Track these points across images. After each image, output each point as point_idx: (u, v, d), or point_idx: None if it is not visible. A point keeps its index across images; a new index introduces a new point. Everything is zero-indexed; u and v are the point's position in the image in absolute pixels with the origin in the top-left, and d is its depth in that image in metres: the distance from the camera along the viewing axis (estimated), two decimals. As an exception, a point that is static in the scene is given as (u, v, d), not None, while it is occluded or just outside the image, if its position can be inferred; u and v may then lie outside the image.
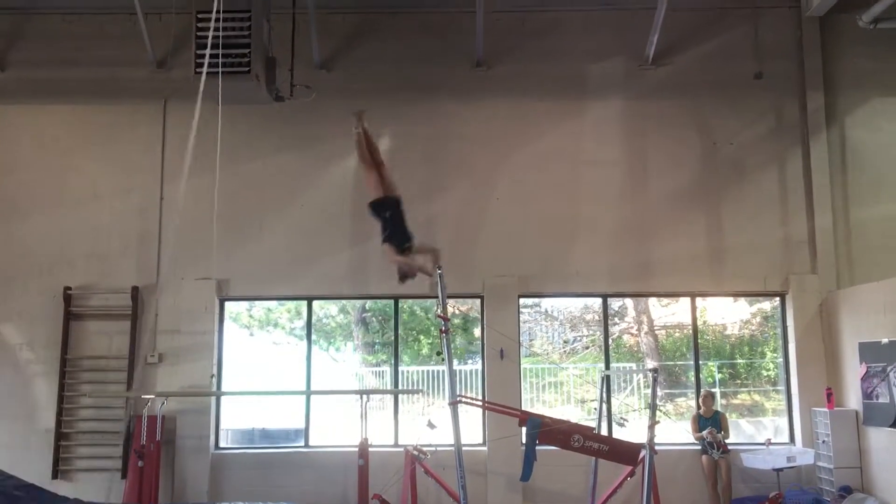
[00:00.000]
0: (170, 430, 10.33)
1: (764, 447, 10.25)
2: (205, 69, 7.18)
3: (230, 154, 10.53)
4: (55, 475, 10.23)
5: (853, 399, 10.03)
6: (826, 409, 10.10)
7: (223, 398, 10.86)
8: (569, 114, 11.22)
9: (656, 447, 8.24)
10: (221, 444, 10.79)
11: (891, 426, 9.17)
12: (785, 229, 10.97)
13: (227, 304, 11.15)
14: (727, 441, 10.09)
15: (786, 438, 10.77)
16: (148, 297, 10.78)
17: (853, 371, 9.98)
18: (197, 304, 10.69)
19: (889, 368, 9.16)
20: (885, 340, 9.26)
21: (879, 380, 9.38)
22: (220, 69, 7.89)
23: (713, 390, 10.85)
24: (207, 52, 7.54)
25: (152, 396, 10.04)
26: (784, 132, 11.18)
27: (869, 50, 11.00)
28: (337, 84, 11.14)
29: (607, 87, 11.23)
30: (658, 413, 8.56)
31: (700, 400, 10.35)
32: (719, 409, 10.39)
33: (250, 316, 12.33)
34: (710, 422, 10.16)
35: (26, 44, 11.27)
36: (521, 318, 11.03)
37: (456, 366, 7.95)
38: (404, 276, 7.18)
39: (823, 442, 10.09)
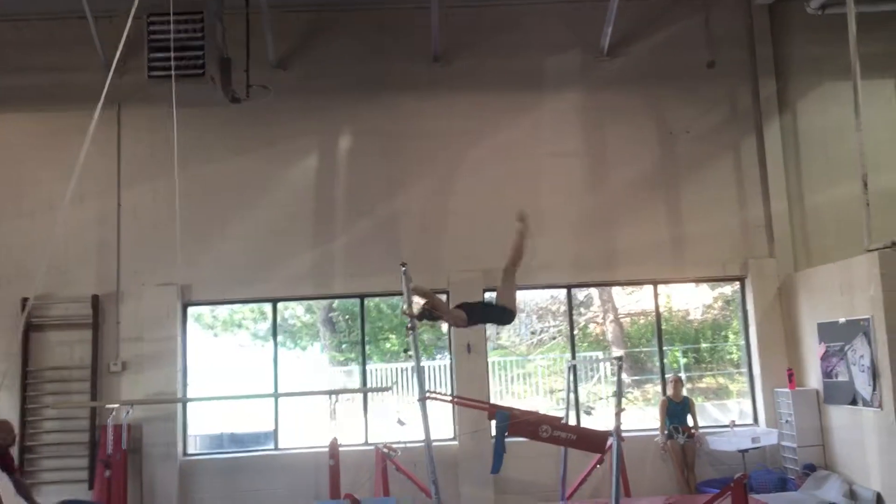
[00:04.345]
0: (136, 438, 10.21)
1: (728, 429, 10.44)
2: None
3: (188, 157, 10.46)
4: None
5: (814, 379, 10.25)
6: (788, 390, 10.30)
7: (190, 404, 10.75)
8: (527, 107, 11.28)
9: (623, 434, 8.33)
10: (189, 451, 10.68)
11: (850, 404, 9.39)
12: (742, 215, 11.17)
13: (190, 309, 11.03)
14: (695, 427, 10.28)
15: (750, 420, 10.97)
16: (109, 305, 10.64)
17: (813, 351, 10.19)
18: (159, 311, 10.56)
19: (847, 347, 9.37)
20: (842, 320, 9.47)
21: (838, 359, 9.58)
22: (173, 72, 7.80)
23: (682, 375, 10.97)
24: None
25: (117, 405, 9.88)
26: (738, 119, 11.37)
27: (818, 36, 11.18)
28: (294, 83, 11.09)
29: (565, 80, 11.31)
30: (624, 400, 8.66)
31: (671, 384, 10.46)
32: (685, 394, 10.51)
33: (213, 317, 12.19)
34: (679, 406, 10.29)
35: (-24, 52, 11.03)
36: (487, 312, 11.06)
37: (424, 362, 7.99)
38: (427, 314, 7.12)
39: (786, 422, 10.30)
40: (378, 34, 11.32)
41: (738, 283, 11.29)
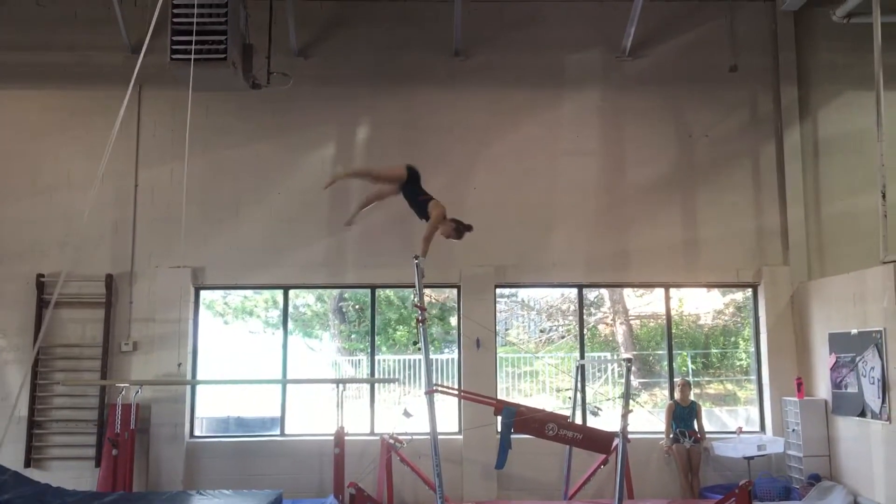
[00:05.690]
0: (144, 418, 10.28)
1: (735, 435, 10.41)
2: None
3: (206, 141, 10.59)
4: (28, 463, 10.14)
5: (823, 389, 10.20)
6: (796, 399, 10.26)
7: (198, 387, 10.82)
8: (546, 104, 11.26)
9: (629, 436, 8.32)
10: (196, 433, 10.75)
11: (859, 415, 9.34)
12: (758, 221, 11.11)
13: (203, 293, 11.09)
14: (700, 431, 10.25)
15: (757, 427, 10.93)
16: (122, 284, 10.71)
17: (823, 361, 10.14)
18: (172, 293, 10.62)
19: (858, 359, 9.32)
20: (854, 331, 9.42)
21: (848, 370, 9.53)
22: (193, 56, 7.81)
23: (689, 379, 10.94)
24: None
25: (127, 384, 9.98)
26: (758, 125, 11.30)
27: (842, 44, 11.14)
28: (314, 72, 11.11)
29: (585, 78, 11.28)
30: (631, 402, 8.65)
31: (678, 388, 10.44)
32: (693, 398, 10.49)
33: (226, 304, 12.26)
34: (686, 410, 10.27)
35: (-1, 28, 11.12)
36: (497, 308, 11.08)
37: (432, 355, 7.98)
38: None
39: (793, 431, 10.25)
40: (399, 26, 11.31)
41: (750, 289, 11.25)
